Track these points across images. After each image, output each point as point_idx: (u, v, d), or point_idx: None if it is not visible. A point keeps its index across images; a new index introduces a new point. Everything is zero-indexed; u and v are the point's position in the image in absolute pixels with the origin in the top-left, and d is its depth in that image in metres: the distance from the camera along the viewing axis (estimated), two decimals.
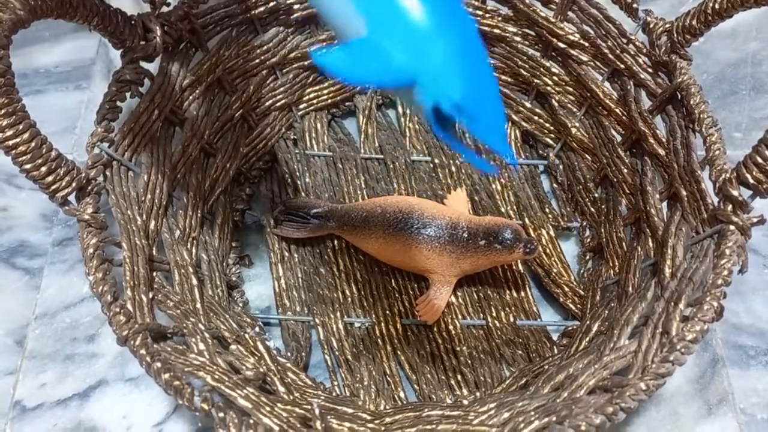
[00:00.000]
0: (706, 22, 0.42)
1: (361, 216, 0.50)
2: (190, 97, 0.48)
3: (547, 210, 0.55)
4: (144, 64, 0.44)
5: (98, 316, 0.49)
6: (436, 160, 0.57)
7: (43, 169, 0.35)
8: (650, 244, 0.45)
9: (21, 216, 0.54)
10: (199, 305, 0.42)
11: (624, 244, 0.49)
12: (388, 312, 0.50)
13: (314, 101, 0.59)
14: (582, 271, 0.53)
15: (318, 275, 0.52)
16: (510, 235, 0.46)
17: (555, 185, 0.57)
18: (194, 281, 0.43)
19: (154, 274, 0.41)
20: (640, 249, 0.46)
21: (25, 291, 0.51)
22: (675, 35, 0.44)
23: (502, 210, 0.55)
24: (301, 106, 0.58)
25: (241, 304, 0.49)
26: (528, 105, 0.58)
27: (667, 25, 0.45)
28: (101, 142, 0.40)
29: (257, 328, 0.46)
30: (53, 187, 0.36)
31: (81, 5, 0.37)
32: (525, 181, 0.57)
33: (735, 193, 0.37)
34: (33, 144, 0.34)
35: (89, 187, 0.38)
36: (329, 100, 0.59)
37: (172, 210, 0.46)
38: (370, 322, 0.49)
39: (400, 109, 0.60)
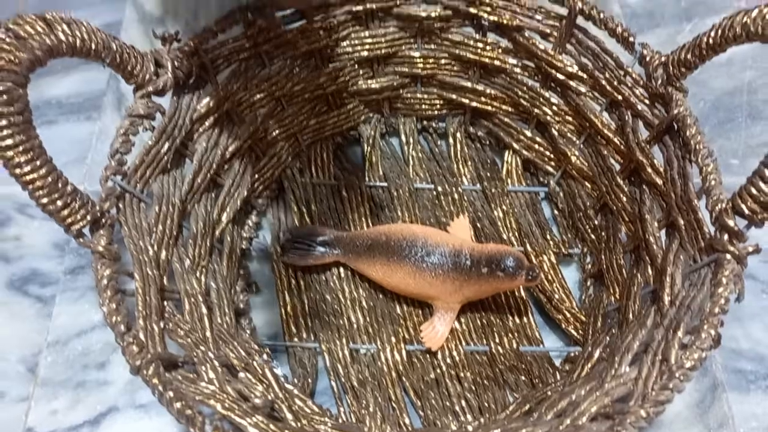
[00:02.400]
0: (700, 56, 0.43)
1: (366, 244, 0.51)
2: (200, 129, 0.49)
3: (548, 236, 0.56)
4: (155, 98, 0.45)
5: (109, 343, 0.50)
6: (439, 188, 0.58)
7: (59, 203, 0.36)
8: (650, 271, 0.46)
9: (33, 245, 0.56)
10: (208, 333, 0.43)
11: (624, 271, 0.50)
12: (393, 338, 0.51)
13: (319, 130, 0.60)
14: (583, 297, 0.53)
15: (324, 302, 0.52)
16: (512, 263, 0.47)
17: (556, 212, 0.58)
18: (204, 310, 0.44)
19: (165, 303, 0.42)
20: (639, 276, 0.47)
21: (38, 319, 0.52)
22: (671, 68, 0.45)
23: (504, 237, 0.56)
24: (307, 136, 0.59)
25: (248, 331, 0.50)
26: (528, 134, 0.59)
27: (663, 58, 0.46)
28: (114, 175, 0.41)
29: (265, 356, 0.47)
30: (68, 221, 0.37)
31: (96, 45, 0.39)
32: (526, 208, 0.58)
33: (731, 223, 0.38)
34: (49, 179, 0.35)
35: (103, 220, 0.39)
36: (334, 130, 0.61)
37: (182, 239, 0.47)
38: (376, 348, 0.50)
39: (403, 138, 0.62)
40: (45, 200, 0.36)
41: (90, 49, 0.39)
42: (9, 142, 0.33)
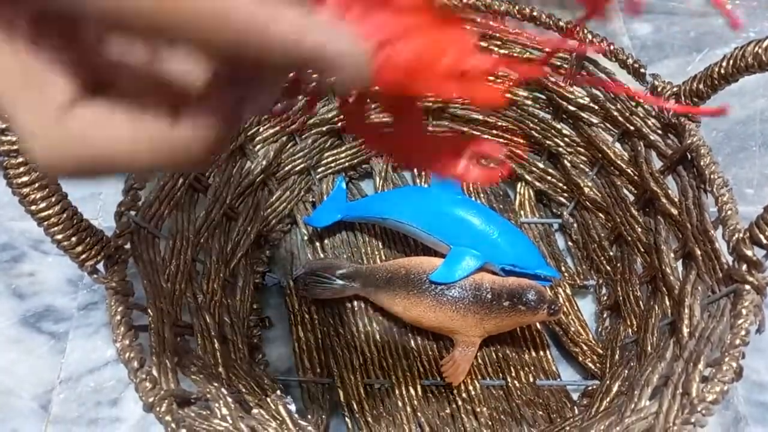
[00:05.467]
0: (712, 86, 0.43)
1: (385, 277, 0.51)
2: (213, 164, 0.50)
3: (562, 268, 0.56)
4: None
5: (121, 379, 0.50)
6: None
7: (74, 239, 0.36)
8: (667, 302, 0.45)
9: (47, 281, 0.56)
10: (221, 369, 0.43)
11: (641, 302, 0.49)
12: (407, 373, 0.50)
13: (332, 164, 0.60)
14: (600, 330, 0.53)
15: (337, 336, 0.52)
16: (534, 297, 0.47)
17: (570, 243, 0.58)
18: (217, 345, 0.44)
19: (178, 338, 0.42)
20: (657, 308, 0.46)
21: (51, 355, 0.52)
22: (683, 98, 0.45)
23: None
24: (320, 170, 0.60)
25: (261, 366, 0.50)
26: (541, 165, 0.59)
27: (675, 89, 0.46)
28: (129, 211, 0.42)
29: (278, 391, 0.47)
30: (83, 257, 0.37)
31: None
32: (540, 240, 0.58)
33: (749, 252, 0.37)
34: (64, 215, 0.35)
35: (117, 255, 0.39)
36: (346, 163, 0.61)
37: (196, 274, 0.47)
38: (390, 383, 0.49)
39: (415, 170, 0.62)
40: (59, 236, 0.36)
41: None
42: (25, 179, 0.34)
